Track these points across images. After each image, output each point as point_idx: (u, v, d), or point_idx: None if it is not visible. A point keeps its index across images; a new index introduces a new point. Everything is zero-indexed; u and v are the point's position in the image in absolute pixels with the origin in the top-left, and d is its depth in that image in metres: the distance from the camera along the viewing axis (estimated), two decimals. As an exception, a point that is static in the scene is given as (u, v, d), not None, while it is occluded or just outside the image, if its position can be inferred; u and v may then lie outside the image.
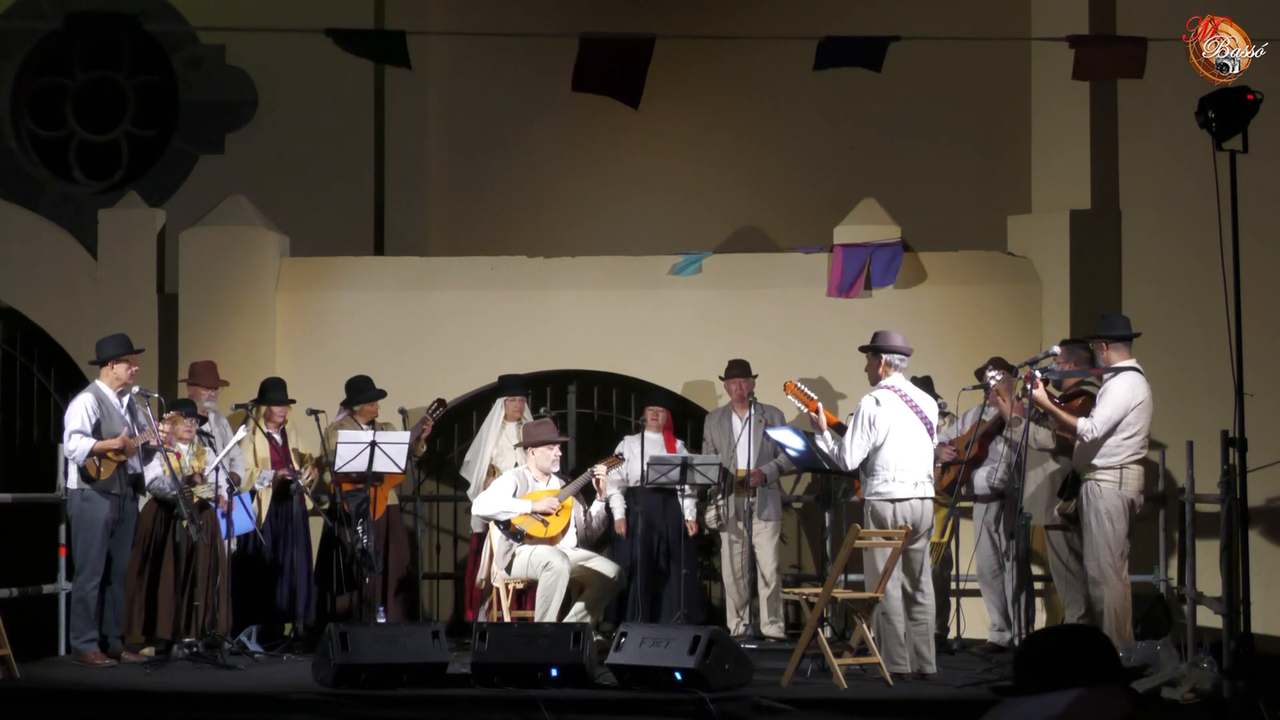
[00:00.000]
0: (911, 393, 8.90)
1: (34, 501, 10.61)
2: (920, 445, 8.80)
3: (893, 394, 8.83)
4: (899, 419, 8.77)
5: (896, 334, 9.04)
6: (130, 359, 9.77)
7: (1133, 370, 9.13)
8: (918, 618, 8.81)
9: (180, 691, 8.43)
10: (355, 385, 10.90)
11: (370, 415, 10.84)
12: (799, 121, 13.45)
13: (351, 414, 10.81)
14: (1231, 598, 8.05)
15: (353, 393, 10.87)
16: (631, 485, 10.97)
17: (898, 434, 8.75)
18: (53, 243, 12.31)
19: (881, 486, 8.78)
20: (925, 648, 8.79)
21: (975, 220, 12.87)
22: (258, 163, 13.75)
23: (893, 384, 8.88)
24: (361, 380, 10.91)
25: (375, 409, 10.89)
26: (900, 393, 8.85)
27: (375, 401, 10.87)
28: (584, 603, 9.86)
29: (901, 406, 8.81)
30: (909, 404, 8.82)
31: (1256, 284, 9.17)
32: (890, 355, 8.91)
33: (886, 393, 8.84)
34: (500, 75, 13.67)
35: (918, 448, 8.79)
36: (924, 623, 8.81)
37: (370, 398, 10.83)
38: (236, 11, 13.58)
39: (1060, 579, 9.98)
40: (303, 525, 10.80)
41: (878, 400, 8.80)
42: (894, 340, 8.95)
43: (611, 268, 12.17)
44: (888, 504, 8.76)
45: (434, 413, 10.92)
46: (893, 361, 8.91)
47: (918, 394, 8.95)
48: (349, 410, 10.85)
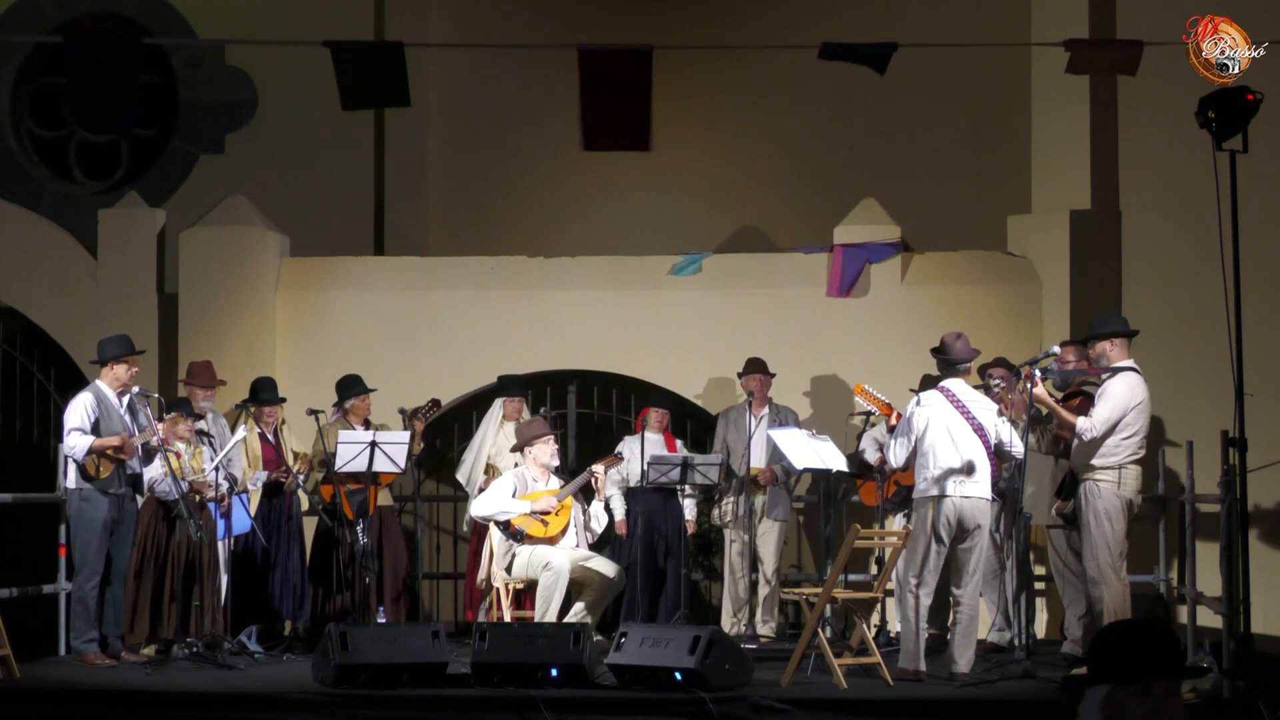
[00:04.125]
0: (963, 395, 8.93)
1: (34, 501, 10.61)
2: (966, 447, 8.79)
3: (940, 396, 8.90)
4: (943, 420, 8.81)
5: (961, 341, 9.08)
6: (130, 360, 9.76)
7: (1131, 370, 9.13)
8: (955, 615, 8.84)
9: (180, 691, 8.43)
10: (343, 383, 10.86)
11: (363, 413, 10.78)
12: (799, 122, 13.45)
13: (344, 414, 10.77)
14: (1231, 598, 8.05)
15: (340, 391, 10.84)
16: (632, 485, 10.97)
17: (938, 434, 8.79)
18: (53, 243, 12.31)
19: (922, 485, 8.87)
20: (956, 649, 8.77)
21: (975, 220, 12.87)
22: (258, 163, 13.75)
23: (946, 386, 8.95)
24: (349, 378, 10.87)
25: (367, 407, 10.83)
26: (950, 394, 8.89)
27: (365, 398, 10.80)
28: (584, 603, 9.86)
29: (948, 408, 8.84)
30: (957, 405, 8.85)
31: (1256, 284, 9.17)
32: (943, 364, 9.02)
33: (933, 394, 8.93)
34: (500, 75, 13.67)
35: (963, 449, 8.79)
36: (960, 623, 8.80)
37: (356, 392, 10.75)
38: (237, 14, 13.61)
39: (1060, 578, 10.00)
40: (299, 525, 10.79)
41: (919, 401, 8.93)
42: (955, 350, 9.02)
43: (611, 268, 12.17)
44: (926, 501, 8.79)
45: (427, 413, 10.89)
46: (953, 369, 9.01)
47: (971, 396, 8.97)
48: (341, 410, 10.82)
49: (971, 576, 8.85)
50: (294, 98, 13.69)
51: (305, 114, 13.58)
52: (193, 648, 9.48)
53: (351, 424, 10.63)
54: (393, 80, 9.95)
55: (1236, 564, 7.83)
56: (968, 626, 8.83)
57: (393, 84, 9.96)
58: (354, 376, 10.86)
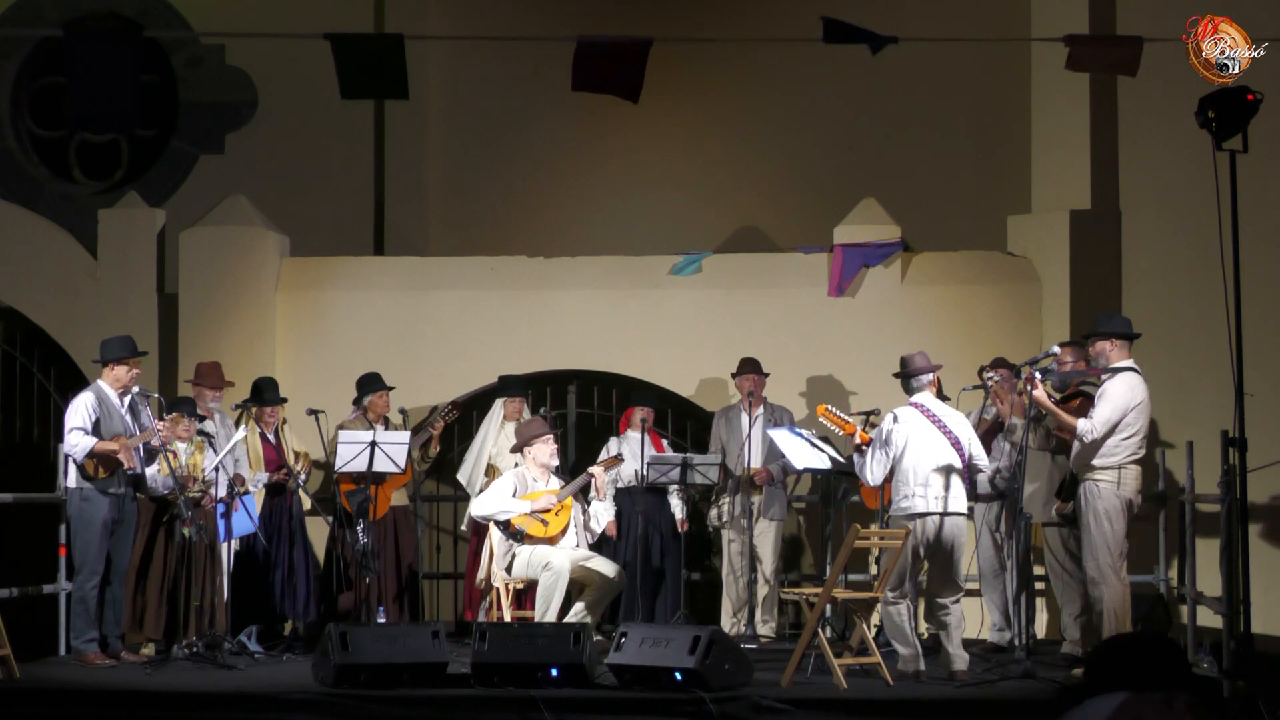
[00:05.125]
0: (938, 410, 8.96)
1: (34, 501, 10.61)
2: (943, 461, 8.81)
3: (915, 411, 8.91)
4: (919, 436, 8.82)
5: (919, 355, 9.13)
6: (131, 362, 9.77)
7: (1131, 371, 9.13)
8: (942, 618, 8.86)
9: (180, 691, 8.43)
10: (362, 381, 10.96)
11: (381, 411, 10.86)
12: (799, 121, 13.44)
13: (363, 411, 10.85)
14: (1231, 598, 8.05)
15: (360, 388, 10.93)
16: (628, 485, 10.96)
17: (918, 450, 8.80)
18: (53, 243, 12.31)
19: (904, 502, 8.86)
20: (951, 645, 8.81)
21: (975, 220, 12.87)
22: (258, 163, 13.75)
23: (919, 401, 8.97)
24: (368, 375, 11.00)
25: (385, 405, 10.90)
26: (925, 410, 8.91)
27: (383, 395, 10.89)
28: (584, 603, 9.86)
29: (923, 423, 8.86)
30: (933, 421, 8.87)
31: (1257, 284, 9.18)
32: (908, 380, 9.04)
33: (908, 410, 8.93)
34: (500, 75, 13.67)
35: (939, 463, 8.81)
36: (948, 622, 8.84)
37: (374, 389, 10.85)
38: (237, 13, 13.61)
39: (1056, 578, 9.99)
40: (301, 525, 10.80)
41: (896, 417, 8.91)
42: (914, 363, 9.06)
43: (611, 268, 12.17)
44: (908, 520, 8.80)
45: (446, 414, 10.97)
46: (911, 385, 9.03)
47: (946, 411, 9.00)
48: (360, 408, 10.89)
49: (954, 580, 8.87)
50: (294, 98, 13.69)
51: (305, 114, 13.59)
52: (193, 648, 9.48)
53: (370, 422, 10.68)
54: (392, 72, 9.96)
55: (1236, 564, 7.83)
56: (958, 624, 8.89)
57: (392, 76, 9.98)
58: (373, 374, 10.93)
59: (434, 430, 10.96)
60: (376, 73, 9.98)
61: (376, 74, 9.99)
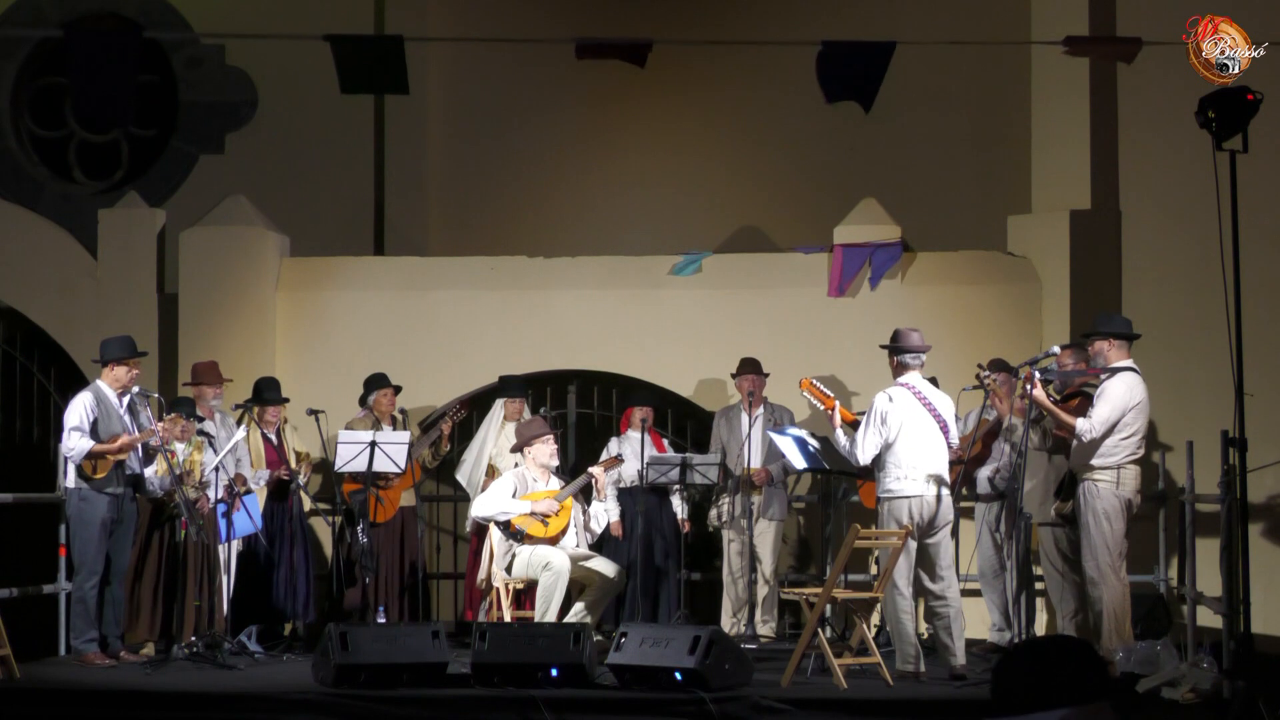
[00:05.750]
0: (927, 391, 8.97)
1: (34, 501, 10.61)
2: (933, 442, 8.86)
3: (906, 391, 8.92)
4: (911, 416, 8.84)
5: (914, 332, 9.12)
6: (131, 362, 9.77)
7: (1130, 370, 9.13)
8: (940, 611, 8.86)
9: (180, 691, 8.43)
10: (369, 380, 11.02)
11: (387, 410, 10.89)
12: (799, 121, 13.43)
13: (370, 410, 10.88)
14: (1231, 598, 8.05)
15: (367, 387, 10.98)
16: (629, 485, 10.96)
17: (910, 431, 8.83)
18: (53, 243, 12.31)
19: (894, 484, 8.86)
20: (949, 639, 8.81)
21: (975, 220, 12.87)
22: (258, 163, 13.75)
23: (907, 381, 8.97)
24: (375, 375, 11.06)
25: (392, 404, 10.94)
26: (915, 390, 8.93)
27: (389, 394, 10.92)
28: (584, 603, 9.87)
29: (915, 404, 8.88)
30: (923, 402, 8.89)
31: (1257, 284, 9.18)
32: (903, 355, 9.00)
33: (900, 390, 8.93)
34: (500, 75, 13.67)
35: (931, 445, 8.85)
36: (946, 615, 8.85)
37: (379, 387, 10.90)
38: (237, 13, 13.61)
39: (1051, 578, 9.98)
40: (301, 525, 10.81)
41: (890, 397, 8.90)
42: (910, 339, 9.05)
43: (611, 268, 12.17)
44: (901, 501, 8.79)
45: (454, 414, 11.01)
46: (905, 361, 9.02)
47: (933, 392, 9.02)
48: (366, 407, 10.92)
49: (948, 569, 8.88)
50: (294, 98, 13.69)
51: (305, 114, 13.59)
52: (193, 648, 9.48)
53: (378, 421, 10.71)
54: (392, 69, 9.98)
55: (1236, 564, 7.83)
56: (956, 618, 8.88)
57: (392, 72, 9.99)
58: (380, 374, 10.98)
59: (444, 428, 11.02)
60: (376, 70, 10.00)
61: (376, 71, 10.01)
